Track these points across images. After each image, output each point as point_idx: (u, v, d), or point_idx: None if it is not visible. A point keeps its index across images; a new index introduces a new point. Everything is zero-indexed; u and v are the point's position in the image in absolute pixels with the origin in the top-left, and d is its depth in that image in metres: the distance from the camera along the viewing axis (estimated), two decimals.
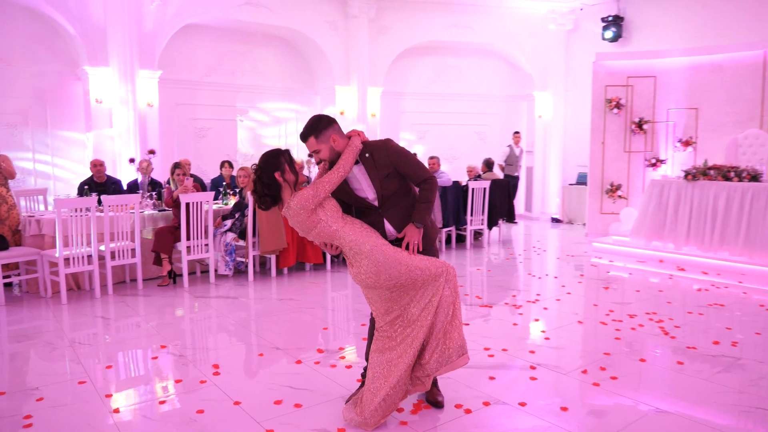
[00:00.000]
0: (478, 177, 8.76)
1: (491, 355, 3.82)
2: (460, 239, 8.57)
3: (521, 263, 7.30)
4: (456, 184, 8.23)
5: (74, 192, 7.24)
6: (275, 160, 2.75)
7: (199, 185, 6.49)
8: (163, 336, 4.36)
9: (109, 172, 7.76)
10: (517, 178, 10.82)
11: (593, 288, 5.93)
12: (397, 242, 2.86)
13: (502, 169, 10.64)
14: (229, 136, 10.15)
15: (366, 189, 2.86)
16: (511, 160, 10.73)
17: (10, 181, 6.05)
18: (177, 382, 3.46)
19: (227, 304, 5.34)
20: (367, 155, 2.81)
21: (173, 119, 9.44)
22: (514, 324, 4.57)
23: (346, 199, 2.90)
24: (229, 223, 6.33)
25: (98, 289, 5.55)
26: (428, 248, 2.93)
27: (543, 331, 4.36)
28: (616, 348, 3.96)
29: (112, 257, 5.64)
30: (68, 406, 3.14)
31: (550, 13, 11.03)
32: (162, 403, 3.16)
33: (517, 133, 10.99)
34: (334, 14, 10.24)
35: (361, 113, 10.64)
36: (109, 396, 3.23)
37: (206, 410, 3.04)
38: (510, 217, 9.20)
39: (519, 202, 11.31)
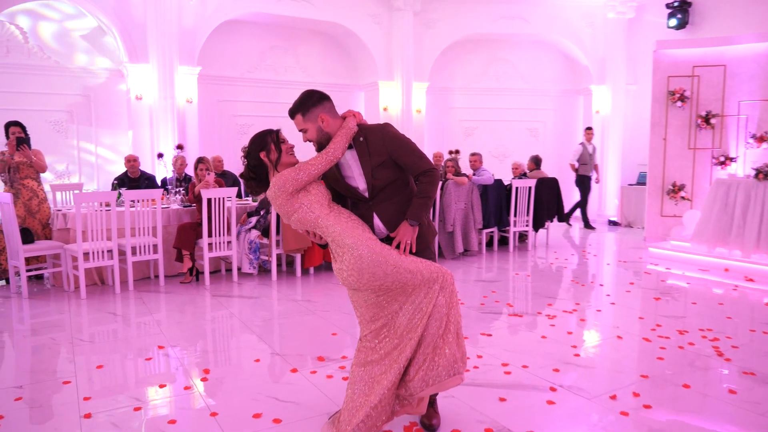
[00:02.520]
0: (523, 175, 8.21)
1: (508, 372, 3.38)
2: (504, 242, 8.05)
3: (567, 269, 6.73)
4: (498, 182, 7.73)
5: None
6: (261, 140, 2.49)
7: (223, 181, 6.34)
8: (168, 336, 4.18)
9: (147, 168, 7.80)
10: (589, 179, 9.95)
11: (643, 298, 5.32)
12: (387, 241, 2.50)
13: (575, 169, 9.78)
14: None
15: (357, 177, 2.51)
16: (585, 159, 9.81)
17: (42, 174, 6.12)
18: (161, 386, 3.24)
19: (244, 305, 5.13)
20: (361, 139, 2.47)
21: (214, 116, 9.43)
22: (543, 337, 4.08)
23: (337, 187, 2.57)
24: (254, 220, 6.15)
25: (118, 285, 5.49)
26: (423, 251, 2.55)
27: (574, 347, 3.86)
28: (656, 370, 3.42)
29: (134, 253, 5.57)
30: (42, 408, 2.98)
31: (609, 0, 10.27)
32: (137, 410, 2.93)
33: (589, 129, 9.97)
34: (377, 7, 9.95)
35: (405, 109, 10.29)
36: (87, 399, 3.05)
37: (179, 420, 2.80)
38: (563, 218, 8.55)
39: (591, 205, 10.50)
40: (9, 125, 5.93)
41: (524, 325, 4.39)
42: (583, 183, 9.82)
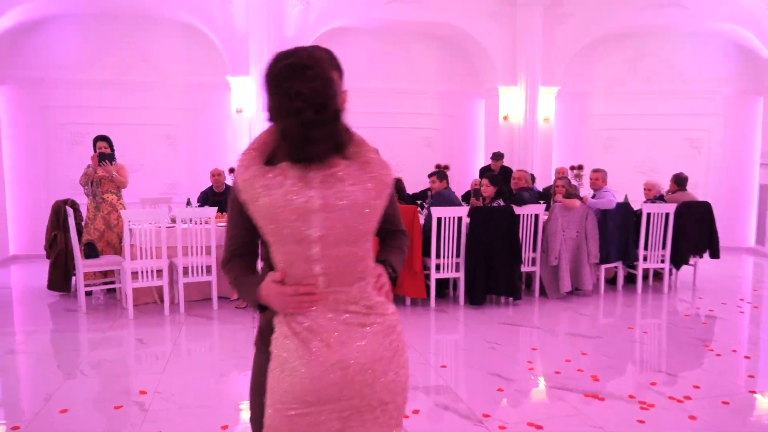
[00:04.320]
0: (659, 198, 6.56)
1: None
2: (631, 279, 6.49)
3: (706, 325, 5.09)
4: (623, 207, 6.23)
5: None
6: None
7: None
8: (167, 374, 3.71)
9: None
10: None
11: None
12: None
13: None
14: (380, 145, 9.41)
15: None
16: None
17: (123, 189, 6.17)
18: None
19: None
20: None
21: None
22: None
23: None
24: None
25: (167, 306, 5.24)
26: None
27: None
28: None
29: (186, 273, 5.29)
30: None
31: None
32: None
33: None
34: (498, 4, 8.86)
35: (529, 118, 9.03)
36: None
37: None
38: (716, 253, 6.70)
39: None
40: (97, 140, 6.05)
41: (599, 415, 3.15)
42: None
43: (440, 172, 6.13)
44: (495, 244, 5.53)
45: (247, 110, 8.07)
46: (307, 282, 1.31)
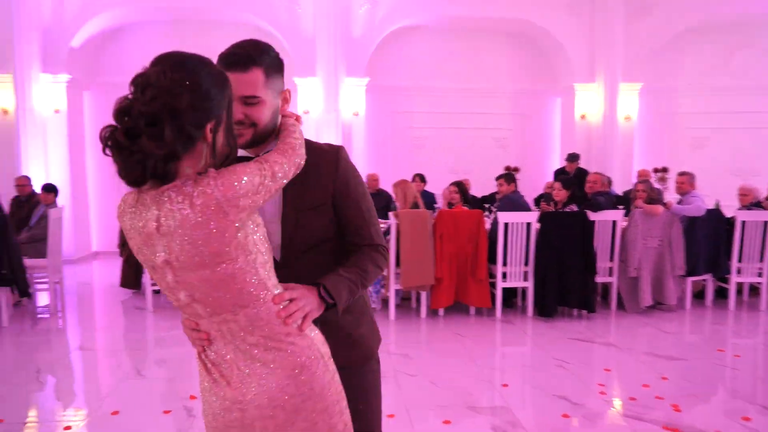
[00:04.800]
0: (756, 204, 5.91)
1: None
2: (722, 294, 5.88)
3: None
4: (714, 214, 5.66)
5: None
6: (220, 88, 1.30)
7: None
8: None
9: None
10: None
11: None
12: None
13: None
14: (449, 146, 9.19)
15: (269, 221, 1.41)
16: None
17: None
18: None
19: None
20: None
21: (385, 128, 8.98)
22: None
23: None
24: None
25: None
26: (360, 396, 1.48)
27: None
28: None
29: None
30: None
31: None
32: None
33: None
34: None
35: (608, 116, 8.49)
36: None
37: None
38: None
39: None
40: None
41: None
42: None
43: (508, 175, 5.82)
44: (567, 252, 5.16)
45: (314, 111, 8.07)
46: (186, 310, 1.22)
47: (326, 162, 1.46)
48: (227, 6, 7.82)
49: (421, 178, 7.28)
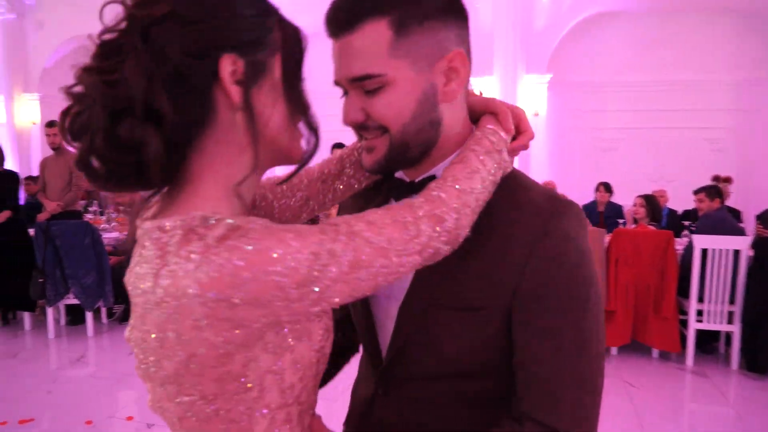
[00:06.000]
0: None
1: None
2: None
3: None
4: None
5: None
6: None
7: None
8: None
9: None
10: None
11: None
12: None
13: None
14: (647, 150, 7.94)
15: (376, 304, 0.89)
16: None
17: None
18: None
19: None
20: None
21: (569, 129, 8.07)
22: None
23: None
24: None
25: None
26: None
27: None
28: None
29: None
30: None
31: None
32: None
33: None
34: None
35: None
36: None
37: None
38: None
39: None
40: None
41: None
42: None
43: (711, 188, 4.65)
44: None
45: None
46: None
47: (522, 229, 0.78)
48: None
49: (606, 187, 6.33)
